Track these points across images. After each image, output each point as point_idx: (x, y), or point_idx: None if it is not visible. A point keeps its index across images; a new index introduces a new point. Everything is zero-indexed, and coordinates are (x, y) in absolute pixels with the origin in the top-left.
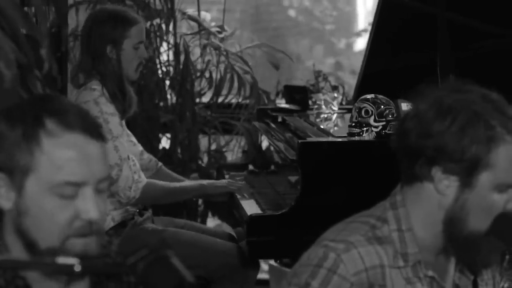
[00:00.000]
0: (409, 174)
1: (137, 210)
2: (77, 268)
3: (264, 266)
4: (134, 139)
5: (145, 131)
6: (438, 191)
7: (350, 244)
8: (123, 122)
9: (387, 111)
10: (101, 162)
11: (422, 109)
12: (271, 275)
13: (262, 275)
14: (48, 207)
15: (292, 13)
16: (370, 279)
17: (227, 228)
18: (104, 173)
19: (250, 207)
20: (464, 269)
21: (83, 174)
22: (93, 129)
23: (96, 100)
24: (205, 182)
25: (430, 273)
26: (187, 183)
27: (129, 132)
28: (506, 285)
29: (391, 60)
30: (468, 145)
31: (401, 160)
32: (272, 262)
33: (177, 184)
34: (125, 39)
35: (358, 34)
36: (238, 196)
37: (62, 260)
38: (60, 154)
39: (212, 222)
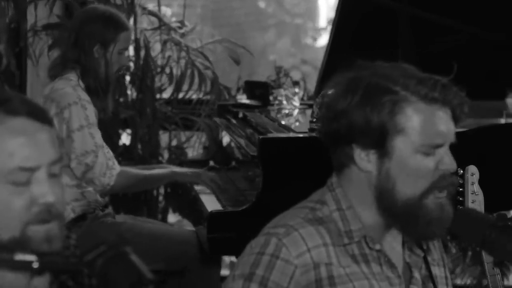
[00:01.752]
0: (336, 161)
1: (101, 207)
2: (35, 265)
3: (226, 260)
4: None
5: (105, 127)
6: (363, 170)
7: (290, 227)
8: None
9: None
10: (51, 145)
11: (326, 95)
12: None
13: (223, 271)
14: (3, 196)
15: (262, 4)
16: (314, 258)
17: (188, 225)
18: (55, 155)
19: (211, 204)
20: (413, 247)
21: (35, 158)
22: (38, 113)
23: (74, 87)
24: (176, 169)
25: (378, 246)
26: (158, 170)
27: None
28: (468, 281)
29: (353, 55)
30: (370, 114)
31: (328, 149)
32: (233, 258)
33: (148, 172)
34: (114, 42)
35: (322, 28)
36: (197, 188)
37: (20, 256)
38: (9, 140)
39: (173, 218)
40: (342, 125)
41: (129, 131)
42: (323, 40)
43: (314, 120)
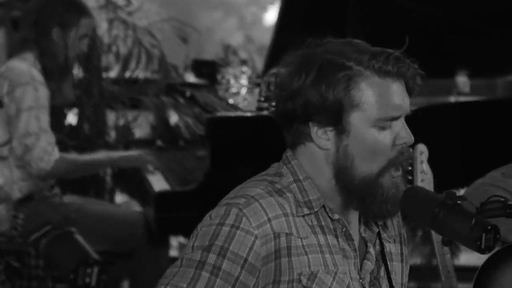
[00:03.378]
0: (291, 139)
1: (51, 186)
2: None
3: (173, 242)
4: None
5: (51, 107)
6: (320, 147)
7: (251, 198)
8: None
9: None
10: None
11: (280, 73)
12: (181, 252)
13: (171, 252)
14: None
15: None
16: (274, 228)
17: (135, 206)
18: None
19: (158, 184)
20: (369, 222)
21: None
22: None
23: (28, 67)
24: (115, 155)
25: (336, 216)
26: (97, 156)
27: None
28: (419, 261)
29: (302, 34)
30: (325, 91)
31: (282, 127)
32: (181, 239)
33: (87, 158)
34: (74, 27)
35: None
36: (146, 172)
37: None
38: None
39: (120, 199)
40: (298, 104)
41: (75, 110)
42: (269, 18)
43: (262, 99)
